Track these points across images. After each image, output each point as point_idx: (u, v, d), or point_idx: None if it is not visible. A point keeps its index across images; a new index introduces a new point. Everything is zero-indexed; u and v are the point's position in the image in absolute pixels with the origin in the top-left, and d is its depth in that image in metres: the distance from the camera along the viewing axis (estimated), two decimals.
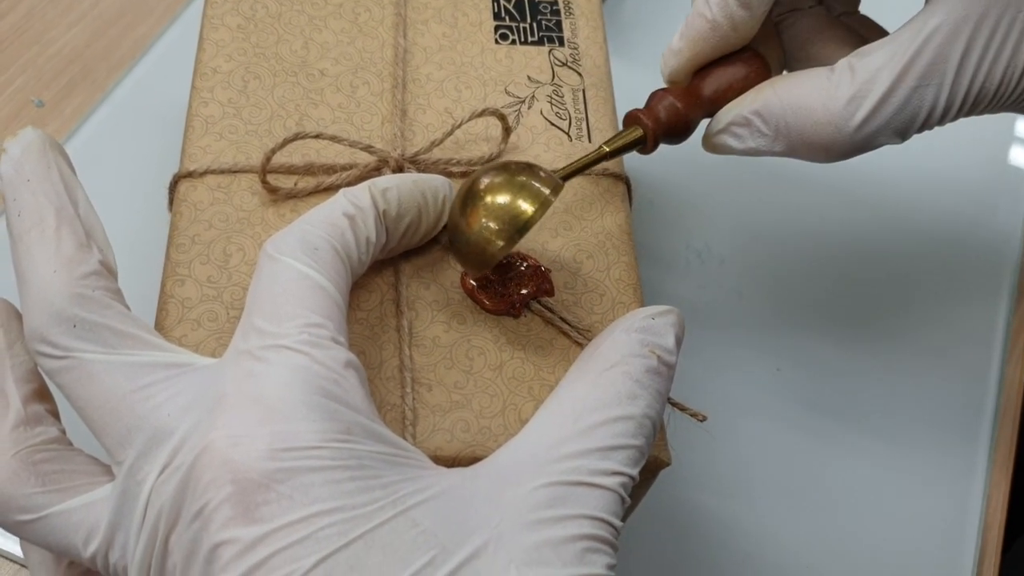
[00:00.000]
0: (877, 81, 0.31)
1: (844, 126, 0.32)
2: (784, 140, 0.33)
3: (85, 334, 0.26)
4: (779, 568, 0.40)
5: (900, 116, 0.31)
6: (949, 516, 0.42)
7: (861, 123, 0.31)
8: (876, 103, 0.31)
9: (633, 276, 0.33)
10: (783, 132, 0.33)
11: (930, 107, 0.31)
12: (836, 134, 0.32)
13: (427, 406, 0.29)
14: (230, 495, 0.23)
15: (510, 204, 0.30)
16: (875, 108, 0.31)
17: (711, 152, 0.36)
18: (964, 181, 0.52)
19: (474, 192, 0.30)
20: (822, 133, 0.32)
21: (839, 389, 0.44)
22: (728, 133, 0.34)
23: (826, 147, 0.32)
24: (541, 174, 0.31)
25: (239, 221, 0.33)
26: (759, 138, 0.33)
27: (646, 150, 0.35)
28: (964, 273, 0.49)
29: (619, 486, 0.25)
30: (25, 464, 0.26)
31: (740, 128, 0.34)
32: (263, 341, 0.26)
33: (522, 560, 0.23)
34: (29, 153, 0.28)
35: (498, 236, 0.29)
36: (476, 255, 0.30)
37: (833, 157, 0.33)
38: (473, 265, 0.30)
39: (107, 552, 0.25)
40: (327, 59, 0.38)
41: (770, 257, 0.48)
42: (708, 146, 0.36)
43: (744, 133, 0.34)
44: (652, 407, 0.27)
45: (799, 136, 0.33)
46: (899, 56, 0.31)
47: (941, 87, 0.31)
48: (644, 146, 0.34)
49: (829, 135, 0.32)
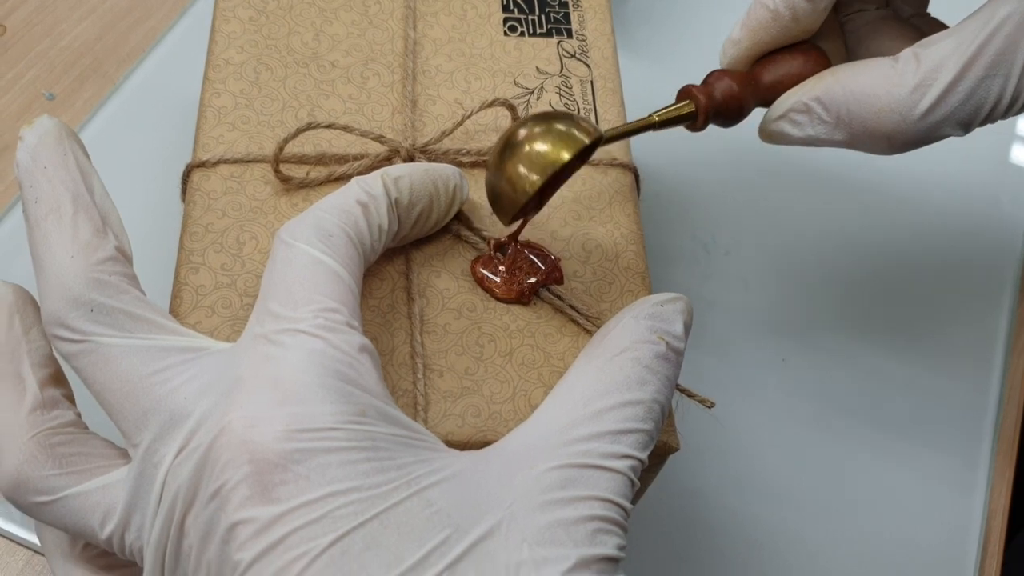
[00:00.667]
0: (943, 70, 0.30)
1: (909, 114, 0.31)
2: (845, 128, 0.32)
3: (102, 318, 0.26)
4: (784, 555, 0.40)
5: (966, 106, 0.31)
6: (953, 505, 0.42)
7: (926, 112, 0.31)
8: (942, 92, 0.30)
9: (641, 264, 0.34)
10: (844, 120, 0.32)
11: (996, 98, 0.31)
12: (900, 122, 0.31)
13: (438, 392, 0.30)
14: (247, 475, 0.23)
15: (547, 147, 0.30)
16: (941, 97, 0.30)
17: (767, 141, 0.35)
18: (968, 178, 0.53)
19: (514, 136, 0.30)
20: (885, 121, 0.31)
21: (844, 380, 0.45)
22: (787, 120, 0.33)
23: (888, 136, 0.32)
24: (583, 123, 0.31)
25: (252, 210, 0.33)
26: (819, 126, 0.33)
27: (695, 126, 0.34)
28: (968, 267, 0.50)
29: (629, 469, 0.25)
30: (42, 447, 0.26)
31: (800, 115, 0.33)
32: (279, 325, 0.26)
33: (534, 539, 0.24)
34: (45, 141, 0.28)
35: (531, 171, 0.29)
36: (509, 192, 0.30)
37: (895, 147, 0.32)
38: (506, 203, 0.30)
39: (123, 534, 0.25)
40: (338, 51, 0.38)
41: (775, 248, 0.49)
42: (765, 134, 0.35)
43: (804, 120, 0.33)
44: (661, 392, 0.27)
45: (861, 125, 0.32)
46: (966, 45, 0.30)
47: (1008, 77, 0.30)
48: (694, 122, 0.34)
49: (893, 123, 0.31)
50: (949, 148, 0.52)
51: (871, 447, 0.43)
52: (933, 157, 0.52)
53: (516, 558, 0.23)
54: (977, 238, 0.51)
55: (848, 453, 0.43)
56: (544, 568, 0.23)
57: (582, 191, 0.35)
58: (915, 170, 0.52)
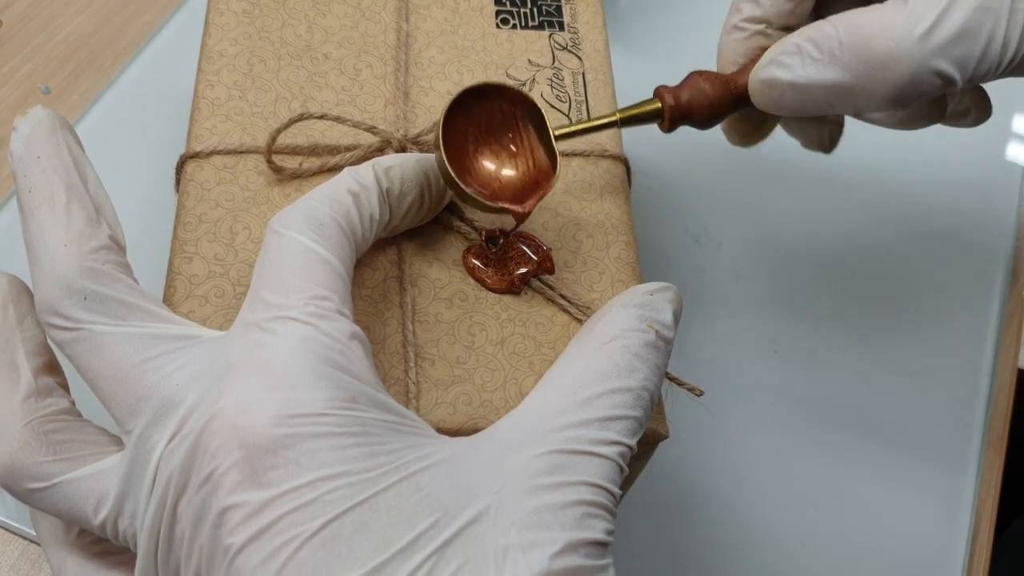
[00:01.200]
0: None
1: (903, 40, 0.29)
2: (838, 63, 0.30)
3: (95, 306, 0.26)
4: (774, 545, 0.40)
5: (961, 41, 0.29)
6: (943, 494, 0.42)
7: (921, 37, 0.29)
8: (936, 18, 0.29)
9: (632, 255, 0.34)
10: (837, 55, 0.30)
11: (988, 35, 0.30)
12: (895, 49, 0.29)
13: (430, 380, 0.30)
14: (238, 460, 0.23)
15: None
16: (935, 23, 0.29)
17: (756, 96, 0.33)
18: (960, 175, 0.53)
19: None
20: (879, 49, 0.30)
21: (835, 370, 0.45)
22: (775, 64, 0.32)
23: (884, 64, 0.30)
24: (508, 84, 0.31)
25: (245, 200, 0.33)
26: (810, 65, 0.31)
27: (664, 127, 0.34)
28: (959, 262, 0.50)
29: (618, 455, 0.26)
30: (36, 434, 0.26)
31: (790, 56, 0.31)
32: (270, 313, 0.26)
33: (523, 524, 0.24)
34: (39, 131, 0.28)
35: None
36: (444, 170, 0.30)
37: (894, 84, 0.30)
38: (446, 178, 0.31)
39: (116, 519, 0.26)
40: (331, 43, 0.38)
41: (767, 241, 0.49)
42: (754, 89, 0.33)
43: (794, 62, 0.31)
44: (650, 380, 0.27)
45: (854, 56, 0.30)
46: None
47: (999, 14, 0.29)
48: (661, 121, 0.34)
49: (887, 50, 0.30)
50: (943, 144, 0.53)
51: (861, 438, 0.43)
52: (927, 153, 0.52)
53: (504, 542, 0.24)
54: (968, 234, 0.51)
55: (839, 443, 0.43)
56: (532, 551, 0.23)
57: (573, 182, 0.36)
58: (907, 165, 0.52)
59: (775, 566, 0.40)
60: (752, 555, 0.40)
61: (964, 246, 0.50)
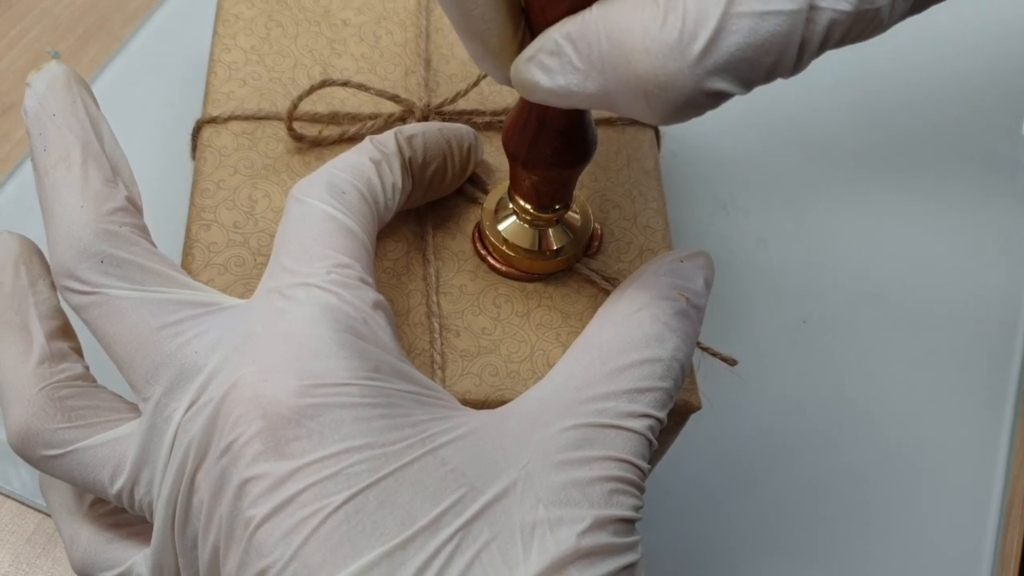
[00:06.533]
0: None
1: (674, 59, 0.22)
2: (602, 76, 0.23)
3: (113, 270, 0.25)
4: (805, 516, 0.40)
5: (746, 56, 0.22)
6: (974, 468, 0.42)
7: (698, 57, 0.22)
8: (713, 32, 0.21)
9: (661, 222, 0.33)
10: (598, 66, 0.23)
11: (782, 45, 0.22)
12: (660, 71, 0.22)
13: (455, 351, 0.29)
14: (260, 430, 0.23)
15: None
16: (713, 37, 0.21)
17: (519, 90, 0.26)
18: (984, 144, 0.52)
19: None
20: (644, 72, 0.22)
21: (865, 341, 0.44)
22: (536, 64, 0.25)
23: (648, 92, 0.22)
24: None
25: (264, 167, 0.32)
26: (570, 74, 0.24)
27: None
28: (988, 234, 0.49)
29: (646, 429, 0.25)
30: (51, 400, 0.26)
31: (549, 57, 0.24)
32: (291, 280, 0.25)
33: (550, 500, 0.23)
34: (54, 87, 0.27)
35: None
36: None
37: (662, 111, 0.23)
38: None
39: (133, 488, 0.25)
40: (350, 9, 0.37)
41: (795, 208, 0.48)
42: (516, 84, 0.26)
43: (554, 65, 0.24)
44: (681, 350, 0.26)
45: (615, 75, 0.23)
46: None
47: (795, 17, 0.21)
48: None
49: (652, 74, 0.22)
50: (968, 115, 0.51)
51: (890, 410, 0.42)
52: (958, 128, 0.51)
53: (531, 518, 0.23)
54: (995, 205, 0.50)
55: (867, 414, 0.42)
56: (559, 529, 0.23)
57: (599, 151, 0.35)
58: (932, 137, 0.51)
59: (808, 540, 0.39)
60: (784, 526, 0.39)
61: (991, 214, 0.49)
